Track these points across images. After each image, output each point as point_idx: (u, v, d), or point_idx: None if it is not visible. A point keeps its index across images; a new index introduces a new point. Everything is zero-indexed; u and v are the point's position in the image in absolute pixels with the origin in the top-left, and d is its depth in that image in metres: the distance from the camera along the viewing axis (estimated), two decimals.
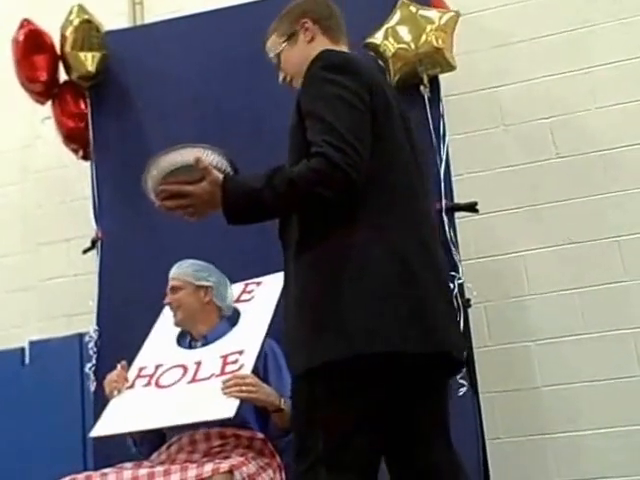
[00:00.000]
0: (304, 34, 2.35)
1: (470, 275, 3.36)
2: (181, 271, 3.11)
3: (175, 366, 2.95)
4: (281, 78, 2.44)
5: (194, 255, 3.22)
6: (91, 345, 3.51)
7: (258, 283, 3.23)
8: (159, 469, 2.56)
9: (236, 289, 3.23)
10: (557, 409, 3.70)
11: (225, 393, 2.66)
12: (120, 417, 2.83)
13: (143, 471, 2.57)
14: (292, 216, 2.12)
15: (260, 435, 2.83)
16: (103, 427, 2.84)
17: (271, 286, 3.12)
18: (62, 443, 3.86)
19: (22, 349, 4.23)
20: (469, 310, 3.29)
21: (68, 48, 3.79)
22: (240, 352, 2.84)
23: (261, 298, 3.14)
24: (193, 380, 2.85)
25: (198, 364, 2.90)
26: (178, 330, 3.14)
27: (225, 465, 2.51)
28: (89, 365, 3.50)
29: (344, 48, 2.35)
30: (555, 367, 3.72)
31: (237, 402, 2.60)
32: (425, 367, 2.02)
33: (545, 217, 3.86)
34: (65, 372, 3.99)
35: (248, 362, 2.78)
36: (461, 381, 3.11)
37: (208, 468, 2.49)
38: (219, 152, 2.14)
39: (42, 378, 4.03)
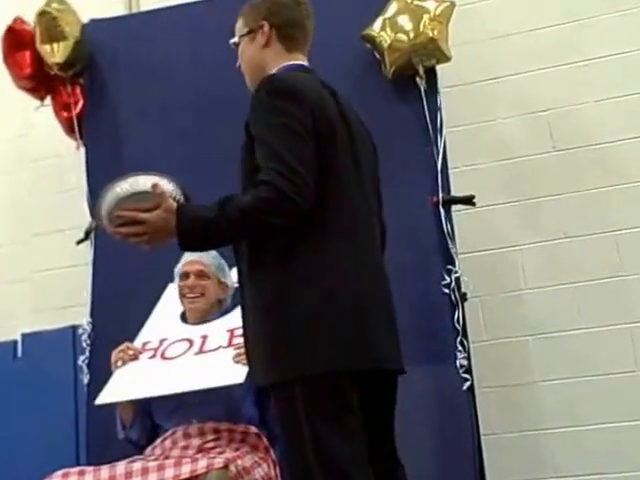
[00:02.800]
0: (260, 36, 2.36)
1: (466, 269, 3.35)
2: (209, 261, 3.05)
3: (180, 340, 2.94)
4: (237, 64, 2.47)
5: None
6: (85, 338, 3.49)
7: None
8: (153, 464, 2.53)
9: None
10: (553, 404, 3.70)
11: (236, 361, 2.66)
12: (126, 385, 2.82)
13: (137, 465, 2.54)
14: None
15: (254, 430, 2.82)
16: (108, 395, 2.81)
17: None
18: (54, 437, 3.84)
19: (14, 342, 4.19)
20: (465, 304, 3.28)
21: (38, 41, 3.79)
22: None
23: None
24: (200, 351, 2.85)
25: (204, 337, 2.91)
26: (182, 308, 3.13)
27: (219, 460, 2.49)
28: (82, 358, 3.48)
29: (299, 59, 2.36)
30: (551, 362, 3.72)
31: (246, 368, 2.54)
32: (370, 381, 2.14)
33: (542, 211, 3.85)
34: (58, 365, 3.96)
35: None
36: (464, 375, 3.11)
37: (203, 464, 2.47)
38: (172, 180, 2.18)
39: (35, 371, 4.01)
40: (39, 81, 3.89)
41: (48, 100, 3.98)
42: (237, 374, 2.62)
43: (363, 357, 2.07)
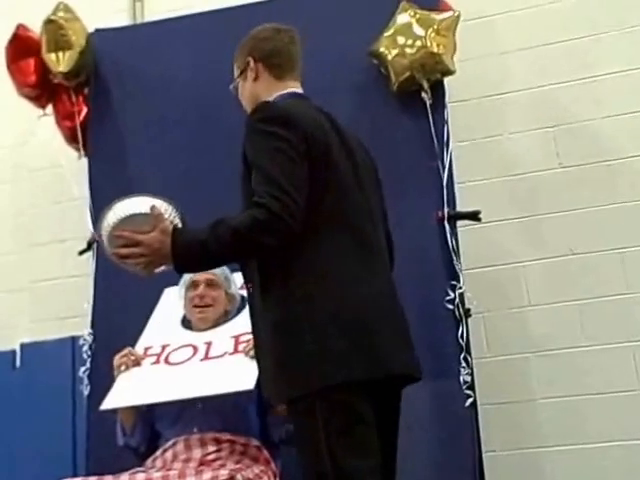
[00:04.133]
0: (250, 72, 2.45)
1: (470, 284, 3.33)
2: (218, 271, 3.04)
3: (184, 345, 2.93)
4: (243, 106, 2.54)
5: None
6: (85, 349, 3.47)
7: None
8: (157, 475, 2.53)
9: (239, 277, 3.19)
10: (555, 422, 3.68)
11: (251, 356, 2.66)
12: (131, 390, 2.79)
13: (141, 476, 2.54)
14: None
15: (255, 442, 2.82)
16: (113, 400, 2.79)
17: None
18: (52, 448, 3.81)
19: (13, 352, 4.16)
20: (469, 320, 3.27)
21: (44, 49, 3.78)
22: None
23: None
24: (206, 358, 2.83)
25: (208, 344, 2.89)
26: (182, 313, 3.12)
27: (224, 472, 2.49)
28: (83, 369, 3.45)
29: (290, 85, 2.42)
30: (554, 379, 3.70)
31: (255, 374, 2.53)
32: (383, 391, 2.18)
33: (547, 227, 3.84)
34: (57, 376, 3.93)
35: None
36: (467, 392, 3.10)
37: (207, 476, 2.47)
38: (171, 203, 2.23)
39: (33, 381, 3.98)
40: (42, 89, 3.88)
41: (49, 109, 3.97)
42: (247, 380, 2.61)
43: (371, 366, 2.10)
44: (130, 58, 3.90)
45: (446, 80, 3.50)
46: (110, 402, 2.79)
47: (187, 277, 3.08)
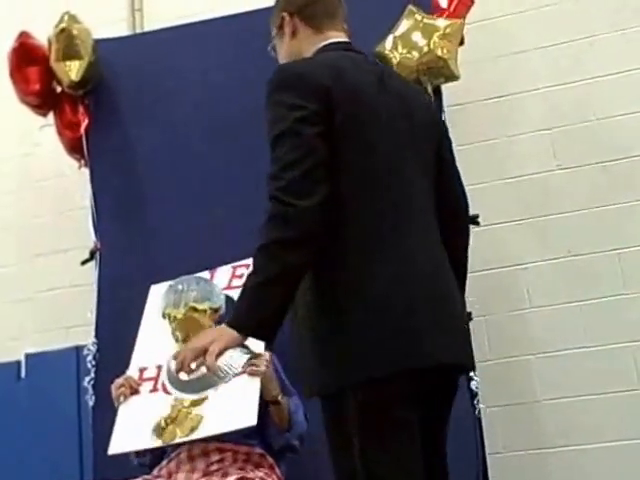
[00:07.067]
0: (287, 28, 2.32)
1: (471, 288, 3.33)
2: (194, 295, 2.97)
3: None
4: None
5: (195, 266, 3.20)
6: (90, 358, 3.47)
7: (247, 265, 3.10)
8: None
9: (223, 273, 3.16)
10: (558, 423, 3.68)
11: (248, 372, 2.58)
12: (136, 431, 2.75)
13: None
14: None
15: (258, 450, 2.82)
16: (120, 443, 2.75)
17: None
18: (58, 457, 3.82)
19: (18, 362, 4.17)
20: (470, 323, 3.27)
21: (53, 58, 3.78)
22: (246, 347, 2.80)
23: None
24: None
25: None
26: None
27: (233, 478, 2.52)
28: (87, 379, 3.46)
29: (332, 35, 2.28)
30: (556, 381, 3.70)
31: (256, 409, 2.55)
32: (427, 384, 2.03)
33: (546, 229, 3.85)
34: (62, 385, 3.94)
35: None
36: (472, 394, 3.11)
37: None
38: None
39: (38, 391, 3.99)
40: (45, 98, 3.88)
41: (50, 119, 3.98)
42: (248, 416, 2.58)
43: (413, 355, 1.96)
44: (132, 68, 3.91)
45: (444, 85, 3.51)
46: (117, 446, 2.74)
47: (163, 307, 3.02)
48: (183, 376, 2.08)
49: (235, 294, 3.01)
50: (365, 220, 2.03)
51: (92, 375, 3.45)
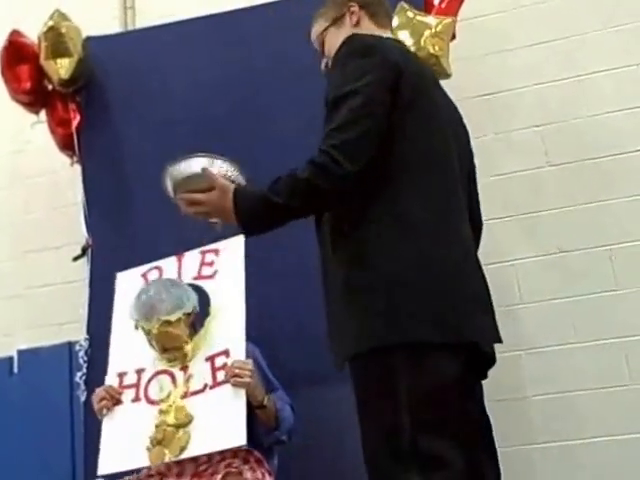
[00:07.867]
0: (350, 17, 2.39)
1: None
2: (164, 307, 2.86)
3: (159, 372, 2.87)
4: (323, 65, 2.46)
5: None
6: (82, 354, 3.48)
7: (216, 251, 3.06)
8: None
9: (192, 259, 3.10)
10: (547, 419, 3.69)
11: (232, 384, 2.65)
12: (124, 450, 2.73)
13: None
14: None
15: (245, 448, 2.80)
16: (109, 463, 2.74)
17: (232, 253, 2.99)
18: (50, 454, 3.82)
19: (10, 358, 4.18)
20: None
21: (43, 56, 3.80)
22: (226, 353, 2.78)
23: (226, 271, 2.99)
24: (186, 395, 2.78)
25: (184, 368, 2.83)
26: None
27: (218, 477, 2.54)
28: (79, 374, 3.47)
29: (388, 33, 2.42)
30: (545, 377, 3.71)
31: (244, 427, 2.58)
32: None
33: (536, 226, 3.86)
34: (54, 381, 3.95)
35: (238, 358, 2.77)
36: None
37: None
38: (228, 161, 2.22)
39: (31, 387, 3.99)
40: (36, 96, 3.90)
41: (42, 116, 3.99)
42: (237, 436, 2.60)
43: (468, 329, 2.06)
44: (123, 65, 3.92)
45: None
46: (106, 466, 2.74)
47: (136, 317, 2.92)
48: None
49: (205, 284, 3.01)
50: (421, 189, 2.09)
51: (84, 371, 3.46)
